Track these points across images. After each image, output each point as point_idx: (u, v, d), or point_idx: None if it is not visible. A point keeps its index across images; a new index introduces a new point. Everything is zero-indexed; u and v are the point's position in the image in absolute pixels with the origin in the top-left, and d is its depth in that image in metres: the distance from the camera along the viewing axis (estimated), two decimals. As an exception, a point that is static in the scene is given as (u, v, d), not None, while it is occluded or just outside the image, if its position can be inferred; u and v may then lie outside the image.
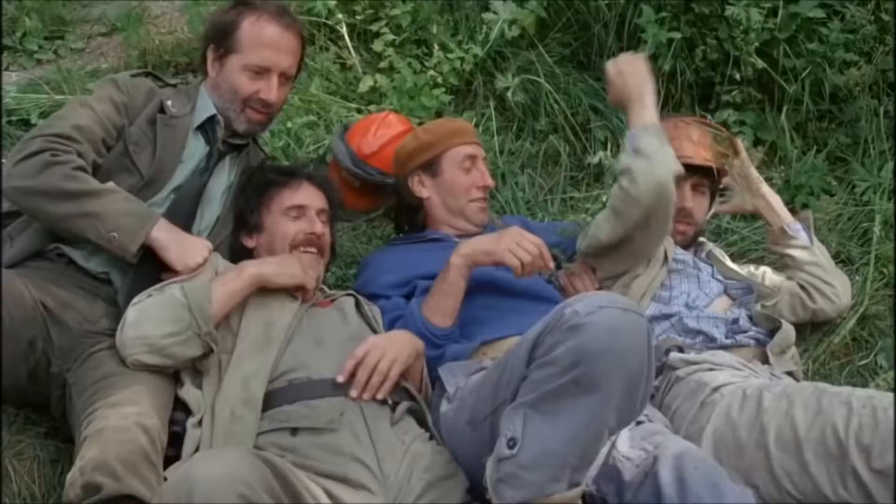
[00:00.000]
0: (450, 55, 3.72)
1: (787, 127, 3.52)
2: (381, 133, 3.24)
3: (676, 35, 3.41)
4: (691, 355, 2.46)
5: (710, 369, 2.39)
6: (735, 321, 2.62)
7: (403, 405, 2.20)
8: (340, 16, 3.83)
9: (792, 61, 3.45)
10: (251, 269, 2.28)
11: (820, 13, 3.39)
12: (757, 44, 3.42)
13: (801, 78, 3.44)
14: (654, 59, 3.45)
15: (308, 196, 2.56)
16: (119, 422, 1.98)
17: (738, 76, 3.51)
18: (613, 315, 1.82)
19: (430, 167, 2.82)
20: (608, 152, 3.55)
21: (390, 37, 3.80)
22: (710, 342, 2.56)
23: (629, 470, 2.02)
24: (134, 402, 2.05)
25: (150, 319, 2.14)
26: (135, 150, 2.45)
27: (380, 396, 2.14)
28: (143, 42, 3.88)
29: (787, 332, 2.58)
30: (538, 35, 3.75)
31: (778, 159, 3.55)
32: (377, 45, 3.81)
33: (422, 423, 2.23)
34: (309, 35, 3.83)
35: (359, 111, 3.62)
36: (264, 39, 2.56)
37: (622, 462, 2.05)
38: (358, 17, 3.88)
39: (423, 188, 2.83)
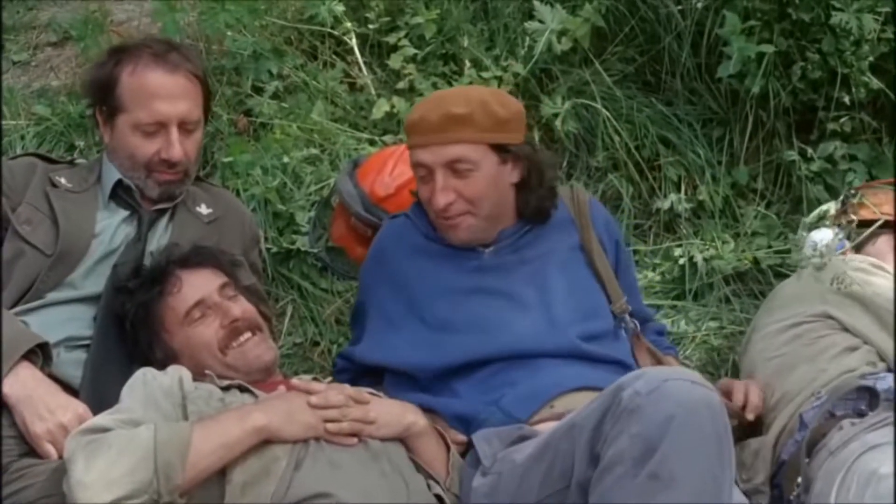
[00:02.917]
0: (484, 74, 3.70)
1: (910, 163, 3.48)
2: (398, 171, 3.21)
3: (769, 49, 3.37)
4: None
5: None
6: None
7: None
8: (349, 25, 3.84)
9: (916, 79, 3.43)
10: (257, 420, 2.17)
11: (952, 19, 3.37)
12: (871, 58, 3.39)
13: (929, 100, 3.43)
14: (740, 78, 3.43)
15: (197, 286, 2.51)
16: None
17: (846, 99, 3.48)
18: (680, 389, 1.94)
19: None
20: (681, 195, 3.54)
21: (411, 51, 3.80)
22: None
23: None
24: None
25: (97, 481, 2.02)
26: (27, 229, 2.56)
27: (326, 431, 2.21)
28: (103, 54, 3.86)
29: None
30: (594, 49, 3.72)
31: (897, 204, 3.50)
32: (394, 62, 3.80)
33: None
34: (310, 48, 3.82)
35: (371, 143, 3.61)
36: (149, 90, 2.62)
37: None
38: (371, 27, 3.88)
39: None
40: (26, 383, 2.31)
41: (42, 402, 2.29)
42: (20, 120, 3.65)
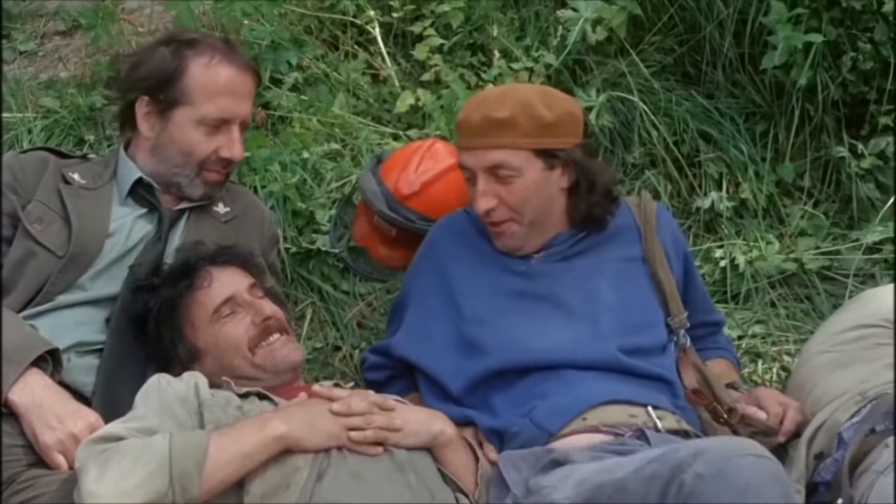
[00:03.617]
0: (514, 65, 3.70)
1: (971, 162, 3.46)
2: (424, 167, 3.21)
3: (816, 38, 3.35)
4: None
5: None
6: None
7: None
8: (372, 13, 3.86)
9: (978, 71, 3.40)
10: (277, 428, 2.17)
11: None
12: (927, 48, 3.38)
13: None
14: (786, 69, 3.41)
15: (227, 283, 2.53)
16: None
17: (900, 92, 3.46)
18: (746, 467, 1.95)
19: None
20: (723, 193, 3.51)
21: (437, 41, 3.81)
22: None
23: None
24: None
25: (110, 492, 2.02)
26: (37, 228, 2.57)
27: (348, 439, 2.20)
28: (114, 43, 3.88)
29: None
30: (631, 39, 3.72)
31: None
32: (420, 52, 3.82)
33: None
34: (332, 38, 3.83)
35: (395, 138, 3.62)
36: (221, 85, 2.66)
37: None
38: (395, 16, 3.91)
39: None
40: (35, 391, 2.30)
41: (52, 411, 2.29)
42: (27, 113, 3.67)
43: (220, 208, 2.77)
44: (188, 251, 2.60)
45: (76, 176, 2.67)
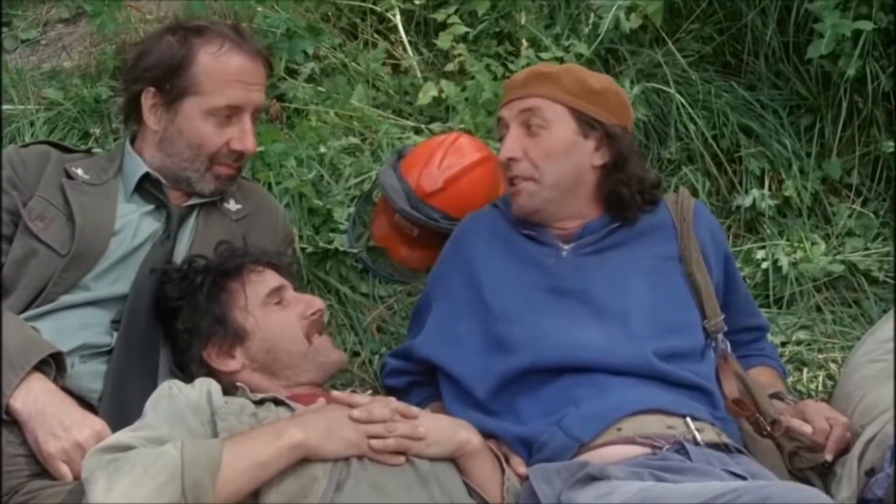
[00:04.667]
0: (543, 55, 3.71)
1: None
2: (448, 163, 3.21)
3: (866, 25, 3.35)
4: None
5: None
6: None
7: None
8: (393, 0, 3.82)
9: None
10: (294, 436, 2.18)
11: None
12: None
13: None
14: (833, 59, 3.40)
15: (277, 277, 2.62)
16: None
17: (957, 84, 3.44)
18: None
19: None
20: (765, 191, 3.51)
21: (461, 29, 3.84)
22: None
23: None
24: None
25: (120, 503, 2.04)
26: (39, 226, 2.58)
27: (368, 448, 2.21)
28: (120, 32, 3.90)
29: None
30: (667, 27, 3.72)
31: None
32: (443, 41, 3.85)
33: None
34: (350, 26, 3.83)
35: (417, 132, 3.62)
36: (231, 74, 2.67)
37: None
38: (417, 3, 3.94)
39: None
40: (38, 397, 2.30)
41: (56, 419, 2.29)
42: (29, 104, 3.68)
43: (232, 205, 2.78)
44: (228, 249, 2.65)
45: (80, 171, 2.68)
